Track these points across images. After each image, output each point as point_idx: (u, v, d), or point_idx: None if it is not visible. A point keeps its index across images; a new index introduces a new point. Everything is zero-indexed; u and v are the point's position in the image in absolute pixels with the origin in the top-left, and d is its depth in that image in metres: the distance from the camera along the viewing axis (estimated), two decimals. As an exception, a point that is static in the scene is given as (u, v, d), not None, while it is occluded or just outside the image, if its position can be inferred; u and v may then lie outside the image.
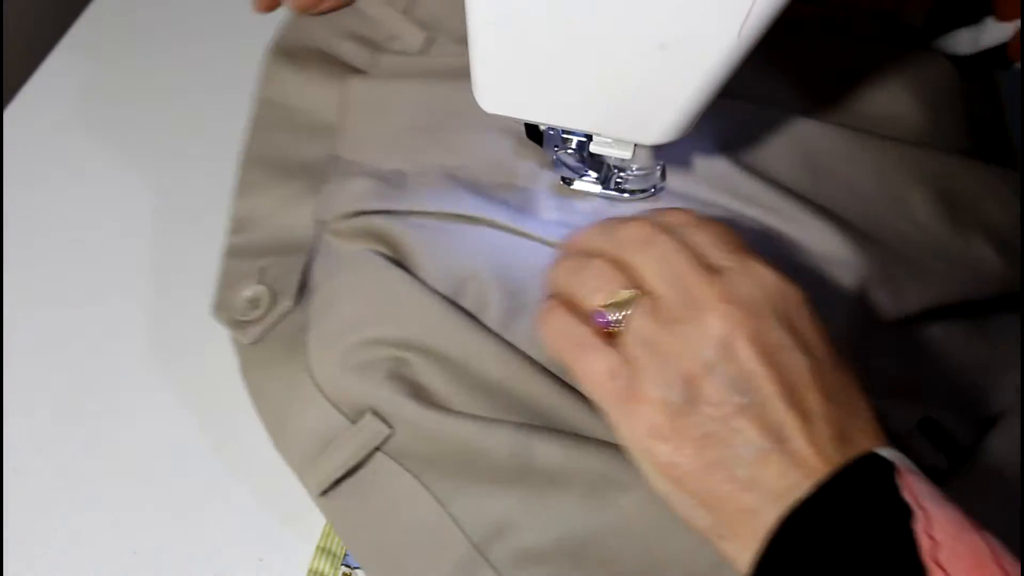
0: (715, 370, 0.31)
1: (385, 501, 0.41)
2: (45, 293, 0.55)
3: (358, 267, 0.43)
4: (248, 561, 0.46)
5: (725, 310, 0.31)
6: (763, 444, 0.30)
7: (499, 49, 0.35)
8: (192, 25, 0.71)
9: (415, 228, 0.43)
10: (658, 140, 0.37)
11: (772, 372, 0.31)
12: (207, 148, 0.63)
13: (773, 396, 0.30)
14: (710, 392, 0.31)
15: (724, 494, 0.30)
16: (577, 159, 0.41)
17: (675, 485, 0.32)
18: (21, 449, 0.49)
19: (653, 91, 0.35)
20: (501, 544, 0.38)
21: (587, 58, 0.34)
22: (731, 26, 0.31)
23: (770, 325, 0.31)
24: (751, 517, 0.30)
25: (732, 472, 0.30)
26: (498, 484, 0.38)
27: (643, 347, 0.32)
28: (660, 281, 0.33)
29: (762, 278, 0.32)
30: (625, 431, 0.32)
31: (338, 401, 0.42)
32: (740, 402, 0.30)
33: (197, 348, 0.53)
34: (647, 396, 0.31)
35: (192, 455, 0.49)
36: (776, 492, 0.30)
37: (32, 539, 0.46)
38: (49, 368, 0.52)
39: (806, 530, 0.29)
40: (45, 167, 0.62)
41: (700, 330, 0.31)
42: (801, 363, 0.31)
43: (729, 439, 0.30)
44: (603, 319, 0.33)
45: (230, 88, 0.67)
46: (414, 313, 0.40)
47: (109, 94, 0.66)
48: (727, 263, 0.33)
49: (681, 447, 0.31)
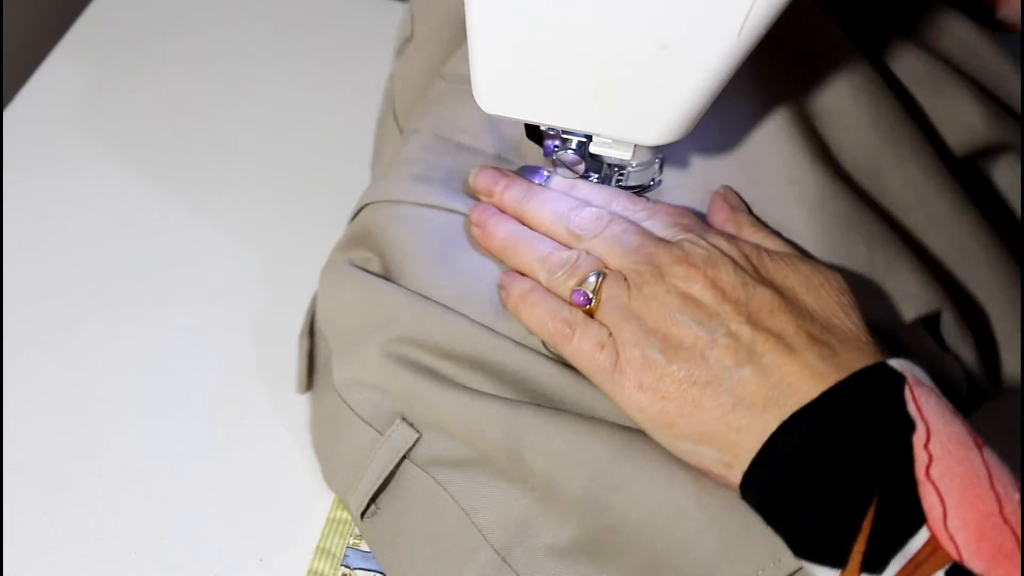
0: (681, 318, 0.34)
1: (414, 513, 0.41)
2: (45, 293, 0.55)
3: (346, 279, 0.43)
4: (248, 561, 0.46)
5: (682, 268, 0.35)
6: (740, 367, 0.32)
7: (499, 49, 0.35)
8: (192, 25, 0.71)
9: (407, 218, 0.42)
10: (658, 140, 0.37)
11: (734, 306, 0.34)
12: (207, 148, 0.63)
13: (740, 324, 0.33)
14: (682, 338, 0.34)
15: (716, 421, 0.32)
16: (577, 159, 0.41)
17: (672, 431, 0.34)
18: (21, 449, 0.49)
19: (653, 91, 0.35)
20: (523, 546, 0.38)
21: (587, 58, 0.34)
22: (731, 26, 0.31)
23: (726, 271, 0.35)
24: (744, 434, 0.32)
25: (717, 400, 0.32)
26: (514, 484, 0.38)
27: (617, 314, 0.35)
28: (620, 256, 0.37)
29: (714, 242, 0.36)
30: (618, 396, 0.35)
31: (369, 416, 0.42)
32: (710, 338, 0.33)
33: (197, 348, 0.53)
34: (629, 358, 0.34)
35: (192, 455, 0.49)
36: (761, 404, 0.32)
37: (32, 539, 0.46)
38: (50, 368, 0.52)
39: (798, 443, 0.30)
40: (45, 167, 0.62)
41: (662, 288, 0.35)
42: (764, 294, 0.34)
43: (708, 373, 0.33)
44: (583, 296, 0.37)
45: (230, 88, 0.67)
46: (407, 312, 0.40)
47: (109, 94, 0.66)
48: (680, 236, 0.37)
49: (667, 394, 0.33)
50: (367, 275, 0.42)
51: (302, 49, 0.70)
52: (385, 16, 0.72)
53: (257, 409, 0.51)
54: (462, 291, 0.40)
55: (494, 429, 0.37)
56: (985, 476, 0.28)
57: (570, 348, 0.36)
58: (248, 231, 0.58)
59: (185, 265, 0.57)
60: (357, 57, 0.69)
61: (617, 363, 0.34)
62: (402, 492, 0.41)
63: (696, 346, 0.33)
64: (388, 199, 0.43)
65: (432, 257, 0.41)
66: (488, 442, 0.38)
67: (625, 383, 0.34)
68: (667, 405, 0.33)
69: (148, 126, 0.64)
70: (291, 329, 0.53)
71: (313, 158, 0.63)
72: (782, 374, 0.32)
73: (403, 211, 0.43)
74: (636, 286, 0.35)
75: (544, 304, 0.37)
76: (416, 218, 0.42)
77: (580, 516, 0.36)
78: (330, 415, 0.44)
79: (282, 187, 0.61)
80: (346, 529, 0.47)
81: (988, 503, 0.27)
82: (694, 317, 0.34)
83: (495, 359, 0.39)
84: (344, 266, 0.44)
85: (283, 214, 0.59)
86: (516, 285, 0.39)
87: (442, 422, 0.39)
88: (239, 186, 0.61)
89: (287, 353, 0.52)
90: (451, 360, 0.39)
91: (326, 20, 0.72)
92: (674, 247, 0.36)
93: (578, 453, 0.36)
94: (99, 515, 0.47)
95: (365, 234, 0.44)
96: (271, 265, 0.57)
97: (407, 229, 0.42)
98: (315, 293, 0.48)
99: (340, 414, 0.43)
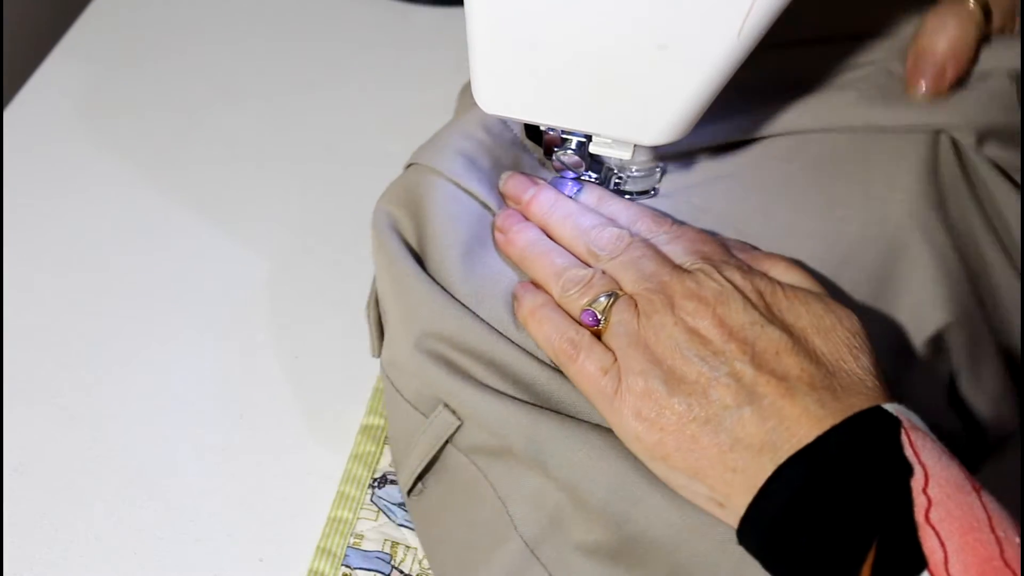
0: (687, 353, 0.34)
1: (455, 495, 0.41)
2: (45, 293, 0.55)
3: (383, 249, 0.43)
4: (248, 561, 0.46)
5: (692, 303, 0.35)
6: (740, 408, 0.32)
7: (498, 50, 0.35)
8: (191, 26, 0.71)
9: (435, 194, 0.42)
10: (657, 140, 0.37)
11: (741, 346, 0.33)
12: (207, 147, 0.63)
13: (744, 364, 0.33)
14: (685, 372, 0.33)
15: (711, 459, 0.32)
16: (577, 159, 0.41)
17: (667, 463, 0.33)
18: (21, 449, 0.49)
19: (653, 91, 0.35)
20: (552, 541, 0.38)
21: (587, 58, 0.34)
22: (731, 26, 0.31)
23: (736, 309, 0.34)
24: (740, 476, 0.32)
25: (716, 438, 0.32)
26: (549, 479, 0.38)
27: (624, 338, 0.35)
28: (633, 282, 0.37)
29: (729, 276, 0.36)
30: (615, 422, 0.35)
31: (413, 399, 0.42)
32: (713, 375, 0.33)
33: (197, 347, 0.53)
34: (631, 386, 0.34)
35: (192, 455, 0.49)
36: (759, 447, 0.31)
37: (32, 539, 0.46)
38: (49, 368, 0.52)
39: (794, 488, 0.30)
40: (45, 167, 0.62)
41: (670, 320, 0.35)
42: (771, 334, 0.34)
43: (708, 411, 0.33)
44: (591, 317, 0.37)
45: (229, 87, 0.67)
46: (427, 307, 0.40)
47: (108, 94, 0.66)
48: (696, 267, 0.37)
49: (665, 427, 0.33)
50: (398, 250, 0.42)
51: (302, 49, 0.70)
52: (385, 16, 0.72)
53: (257, 409, 0.51)
54: (479, 291, 0.40)
55: (516, 432, 0.37)
56: (985, 520, 0.28)
57: (574, 368, 0.36)
58: (248, 230, 0.58)
59: (185, 265, 0.57)
60: (357, 57, 0.69)
61: (618, 389, 0.34)
62: (447, 475, 0.42)
63: (699, 382, 0.33)
64: (432, 167, 0.43)
65: (458, 249, 0.41)
66: (512, 443, 0.38)
67: (624, 410, 0.34)
68: (664, 437, 0.33)
69: (148, 126, 0.64)
70: (292, 328, 0.53)
71: (313, 158, 0.63)
72: (781, 417, 0.31)
73: (443, 186, 0.42)
74: (645, 314, 0.35)
75: (552, 321, 0.37)
76: (453, 199, 0.42)
77: (604, 524, 0.36)
78: (387, 389, 0.45)
79: (282, 187, 0.61)
80: (346, 529, 0.47)
81: (989, 547, 0.27)
82: (699, 353, 0.33)
83: (510, 366, 0.38)
84: (386, 231, 0.43)
85: (283, 213, 0.59)
86: (528, 298, 0.39)
87: (472, 416, 0.39)
88: (239, 186, 0.61)
89: (288, 352, 0.52)
90: (473, 358, 0.39)
91: (326, 20, 0.72)
92: (688, 278, 0.36)
93: (599, 464, 0.36)
94: (99, 515, 0.47)
95: (406, 192, 0.43)
96: (271, 264, 0.57)
97: (443, 211, 0.42)
98: None
99: (390, 392, 0.44)
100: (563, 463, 0.37)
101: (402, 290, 0.41)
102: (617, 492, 0.36)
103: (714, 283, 0.35)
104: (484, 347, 0.39)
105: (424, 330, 0.40)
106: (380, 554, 0.46)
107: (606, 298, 0.37)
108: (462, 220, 0.42)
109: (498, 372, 0.39)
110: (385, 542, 0.46)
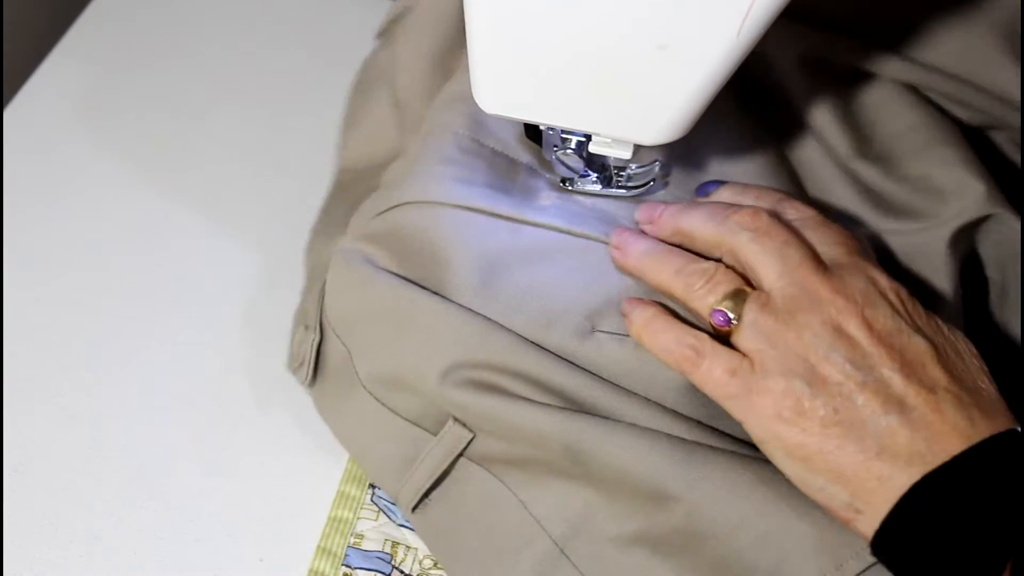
0: (833, 354, 0.32)
1: (469, 505, 0.41)
2: (45, 293, 0.55)
3: (370, 281, 0.41)
4: (248, 561, 0.46)
5: (840, 301, 0.33)
6: (888, 415, 0.31)
7: (498, 49, 0.35)
8: (191, 25, 0.71)
9: (441, 223, 0.41)
10: (657, 140, 0.37)
11: (889, 352, 0.32)
12: (207, 147, 0.63)
13: (892, 372, 0.32)
14: (830, 373, 0.32)
15: (856, 465, 0.32)
16: (577, 159, 0.41)
17: (807, 465, 0.33)
18: (21, 449, 0.49)
19: (652, 91, 0.35)
20: (583, 537, 0.38)
21: (586, 58, 0.34)
22: (730, 26, 0.31)
23: (884, 313, 0.33)
24: (884, 484, 0.31)
25: (861, 444, 0.31)
26: (575, 480, 0.38)
27: (762, 340, 0.34)
28: (775, 275, 0.34)
29: (874, 277, 0.34)
30: (752, 423, 0.34)
31: (415, 416, 0.41)
32: (860, 379, 0.32)
33: (197, 348, 0.53)
34: (770, 386, 0.33)
35: (192, 455, 0.49)
36: (907, 457, 0.31)
37: (32, 539, 0.46)
38: (49, 368, 0.52)
39: (936, 500, 0.30)
40: (45, 167, 0.62)
41: (816, 319, 0.33)
42: (919, 344, 0.33)
43: (854, 414, 0.32)
44: (723, 317, 0.35)
45: (229, 87, 0.67)
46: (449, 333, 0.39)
47: (108, 94, 0.66)
48: (841, 261, 0.35)
49: (808, 428, 0.32)
50: (392, 279, 0.40)
51: (302, 49, 0.70)
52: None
53: (257, 409, 0.51)
54: (512, 302, 0.39)
55: (552, 439, 0.37)
56: None
57: (698, 375, 0.35)
58: (248, 230, 0.58)
59: (185, 264, 0.57)
60: (357, 56, 0.69)
61: (753, 389, 0.33)
62: (455, 485, 0.41)
63: (845, 384, 0.32)
64: (429, 200, 0.41)
65: (480, 266, 0.39)
66: (547, 450, 0.38)
67: (763, 411, 0.33)
68: (808, 439, 0.32)
69: (148, 126, 0.64)
70: (291, 329, 0.53)
71: (313, 157, 0.63)
72: (931, 431, 0.31)
73: (446, 214, 0.41)
74: (789, 312, 0.34)
75: (668, 332, 0.36)
76: (460, 222, 0.41)
77: (644, 515, 0.37)
78: (360, 413, 0.44)
79: (282, 186, 0.61)
80: (347, 528, 0.47)
81: None
82: (847, 355, 0.32)
83: (541, 375, 0.38)
84: (363, 265, 0.41)
85: (284, 213, 0.59)
86: (637, 313, 0.37)
87: (499, 432, 0.39)
88: (239, 185, 0.61)
89: (288, 352, 0.52)
90: (500, 372, 0.38)
91: (326, 20, 0.72)
92: (834, 276, 0.34)
93: (639, 463, 0.36)
94: (99, 515, 0.47)
95: (391, 234, 0.42)
96: (271, 264, 0.57)
97: (453, 235, 0.40)
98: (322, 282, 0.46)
99: (372, 412, 0.43)
100: (603, 461, 0.36)
101: (409, 317, 0.39)
102: (658, 488, 0.36)
103: (861, 283, 0.34)
104: (513, 361, 0.38)
105: (454, 360, 0.38)
106: (380, 554, 0.46)
107: (735, 297, 0.35)
108: (477, 238, 0.40)
109: (528, 383, 0.38)
110: (386, 542, 0.46)
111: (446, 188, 0.41)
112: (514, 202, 0.42)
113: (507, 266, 0.40)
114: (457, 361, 0.38)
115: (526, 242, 0.40)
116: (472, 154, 0.43)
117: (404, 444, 0.42)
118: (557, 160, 0.42)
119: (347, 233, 0.45)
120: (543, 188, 0.44)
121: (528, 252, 0.40)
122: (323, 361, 0.47)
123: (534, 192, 0.43)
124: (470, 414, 0.39)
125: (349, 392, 0.44)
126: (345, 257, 0.43)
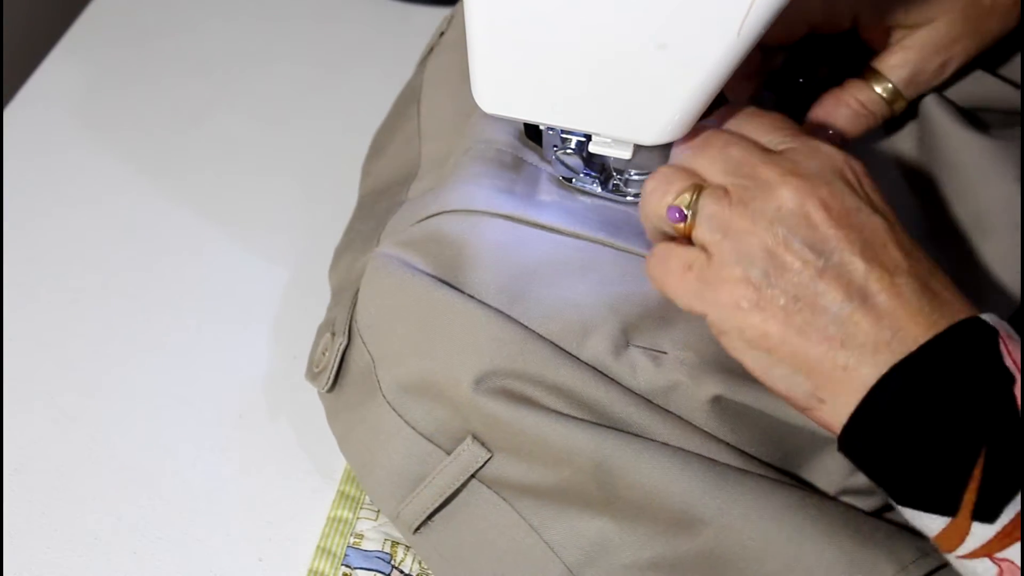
0: (791, 238, 0.31)
1: (478, 530, 0.40)
2: (45, 292, 0.55)
3: (409, 286, 0.41)
4: (248, 561, 0.46)
5: (794, 183, 0.32)
6: (849, 301, 0.31)
7: (498, 49, 0.35)
8: (192, 25, 0.71)
9: (482, 230, 0.41)
10: (657, 140, 0.37)
11: (847, 232, 0.31)
12: (207, 147, 0.63)
13: (852, 255, 0.31)
14: (789, 259, 0.31)
15: (819, 354, 0.31)
16: (577, 159, 0.41)
17: (770, 354, 0.32)
18: (21, 449, 0.49)
19: (652, 91, 0.35)
20: (599, 565, 0.38)
21: (586, 58, 0.34)
22: (730, 26, 0.31)
23: (839, 190, 0.32)
24: (849, 373, 0.31)
25: (824, 332, 0.31)
26: (592, 508, 0.38)
27: (717, 231, 0.33)
28: (723, 174, 0.34)
29: (824, 152, 0.33)
30: (713, 315, 0.33)
31: (431, 431, 0.41)
32: (820, 264, 0.31)
33: (197, 348, 0.53)
34: (728, 276, 0.32)
35: (192, 455, 0.49)
36: (871, 345, 0.30)
37: (32, 539, 0.46)
38: (49, 368, 0.52)
39: (905, 389, 0.30)
40: (45, 167, 0.62)
41: (771, 204, 0.32)
42: (875, 222, 0.32)
43: (815, 301, 0.31)
44: (677, 212, 0.34)
45: (230, 87, 0.67)
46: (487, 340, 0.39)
47: (108, 94, 0.66)
48: (787, 145, 0.34)
49: (769, 316, 0.32)
50: (431, 282, 0.40)
51: (302, 48, 0.70)
52: (385, 16, 0.72)
53: (257, 409, 0.51)
54: (549, 311, 0.38)
55: (582, 455, 0.37)
56: None
57: (659, 279, 0.35)
58: (248, 230, 0.58)
59: (185, 264, 0.57)
60: (357, 56, 0.69)
61: (711, 281, 0.33)
62: (464, 508, 0.41)
63: (804, 271, 0.31)
64: (470, 208, 0.41)
65: (518, 274, 0.39)
66: (575, 467, 0.37)
67: (723, 302, 0.32)
68: (769, 328, 0.32)
69: (148, 125, 0.64)
70: (291, 328, 0.53)
71: (313, 157, 0.63)
72: (895, 317, 0.30)
73: (487, 222, 0.41)
74: (741, 202, 0.32)
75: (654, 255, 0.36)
76: (500, 231, 0.41)
77: (668, 539, 0.36)
78: (373, 424, 0.42)
79: (282, 186, 0.61)
80: (346, 529, 0.47)
81: None
82: (805, 239, 0.31)
83: (575, 388, 0.37)
84: (400, 268, 0.41)
85: (284, 213, 0.59)
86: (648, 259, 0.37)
87: (525, 447, 0.38)
88: (239, 185, 0.61)
89: (288, 352, 0.52)
90: (535, 384, 0.38)
91: (326, 19, 0.72)
92: (783, 159, 0.33)
93: (670, 485, 0.35)
94: (99, 515, 0.47)
95: (430, 239, 0.41)
96: (271, 264, 0.57)
97: (492, 242, 0.40)
98: (357, 289, 0.45)
99: (387, 423, 0.41)
100: (633, 482, 0.36)
101: (445, 320, 0.39)
102: (687, 511, 0.35)
103: (814, 163, 0.33)
104: (549, 372, 0.37)
105: (491, 366, 0.38)
106: (380, 554, 0.46)
107: (690, 193, 0.34)
108: (518, 247, 0.40)
109: (562, 396, 0.38)
110: (385, 542, 0.46)
111: (486, 197, 0.42)
112: (555, 214, 0.42)
113: (545, 276, 0.39)
114: (493, 367, 0.38)
115: (566, 253, 0.40)
116: (512, 168, 0.44)
117: (413, 461, 0.41)
118: (557, 160, 0.42)
119: (381, 241, 0.45)
120: (584, 201, 0.44)
121: (568, 263, 0.40)
122: (345, 368, 0.46)
123: (574, 204, 0.43)
124: (499, 425, 0.38)
125: (365, 402, 0.43)
126: (382, 261, 0.42)
